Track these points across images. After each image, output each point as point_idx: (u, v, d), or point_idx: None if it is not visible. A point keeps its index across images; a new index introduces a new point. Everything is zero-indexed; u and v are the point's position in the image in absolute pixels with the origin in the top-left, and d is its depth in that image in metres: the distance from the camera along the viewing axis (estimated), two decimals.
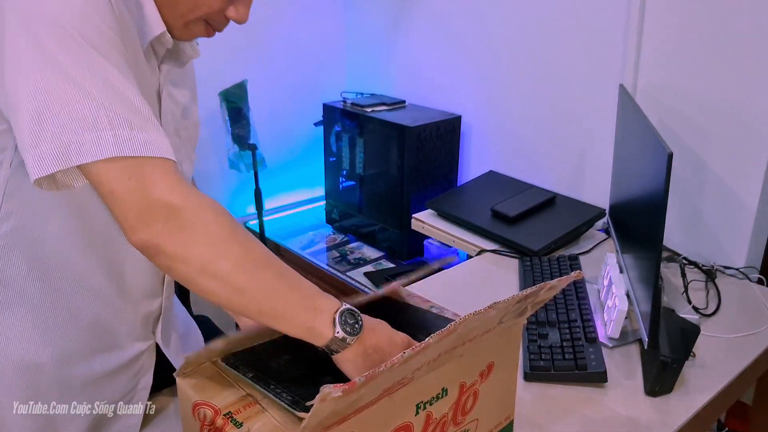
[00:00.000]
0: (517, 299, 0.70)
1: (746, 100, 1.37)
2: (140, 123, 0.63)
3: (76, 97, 0.61)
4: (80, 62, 0.62)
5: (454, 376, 0.74)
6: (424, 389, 0.70)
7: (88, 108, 0.61)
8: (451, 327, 0.62)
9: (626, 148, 1.36)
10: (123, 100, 0.63)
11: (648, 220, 1.08)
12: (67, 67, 0.61)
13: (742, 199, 1.42)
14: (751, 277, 1.42)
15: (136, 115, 0.63)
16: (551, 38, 1.74)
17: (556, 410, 0.99)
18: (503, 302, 0.67)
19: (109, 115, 0.62)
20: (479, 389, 0.78)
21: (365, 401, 0.62)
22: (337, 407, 0.57)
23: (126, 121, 0.62)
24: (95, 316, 0.82)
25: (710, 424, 1.40)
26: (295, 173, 2.42)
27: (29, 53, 0.61)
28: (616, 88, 1.46)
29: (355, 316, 0.70)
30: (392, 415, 0.67)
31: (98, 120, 0.61)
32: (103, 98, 0.62)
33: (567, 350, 1.08)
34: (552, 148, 1.83)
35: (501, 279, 1.42)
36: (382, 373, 0.56)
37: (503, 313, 0.71)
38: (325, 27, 2.34)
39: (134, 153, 0.62)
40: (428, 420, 0.72)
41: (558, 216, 1.66)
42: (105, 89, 0.62)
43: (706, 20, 1.40)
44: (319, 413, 0.55)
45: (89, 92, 0.61)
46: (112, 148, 0.61)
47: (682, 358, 1.01)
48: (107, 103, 0.62)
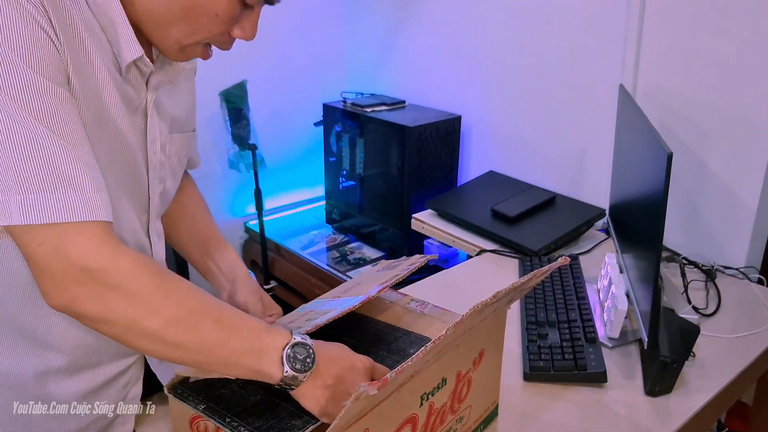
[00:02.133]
0: (515, 286, 0.71)
1: (746, 100, 1.37)
2: (61, 184, 0.60)
3: (17, 153, 0.58)
4: (3, 111, 0.59)
5: (452, 365, 0.75)
6: (427, 380, 0.71)
7: (27, 162, 0.59)
8: (461, 319, 0.63)
9: (626, 148, 1.36)
10: (46, 159, 0.60)
11: (648, 220, 1.08)
12: (12, 116, 0.59)
13: (742, 199, 1.42)
14: (751, 277, 1.42)
15: (56, 176, 0.60)
16: (551, 38, 1.74)
17: (556, 411, 0.99)
18: (504, 291, 0.68)
19: (23, 179, 0.59)
20: (472, 377, 0.79)
21: (382, 398, 0.62)
22: (365, 406, 0.57)
23: (41, 186, 0.59)
24: (80, 340, 0.78)
25: (710, 424, 1.40)
26: (295, 173, 2.42)
27: None
28: (616, 88, 1.46)
29: (306, 350, 0.67)
30: (400, 408, 0.68)
31: (7, 185, 0.58)
32: (20, 159, 0.59)
33: (567, 350, 1.08)
34: (552, 148, 1.83)
35: (501, 279, 1.42)
36: (407, 368, 0.57)
37: (499, 303, 0.72)
38: (325, 27, 2.34)
39: (47, 220, 0.59)
40: (431, 410, 0.73)
41: (558, 216, 1.65)
42: (26, 147, 0.59)
43: (706, 21, 1.40)
44: (350, 412, 0.55)
45: (7, 152, 0.58)
46: (20, 216, 0.59)
47: (682, 358, 1.01)
48: (24, 166, 0.59)
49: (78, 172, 0.62)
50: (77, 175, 0.61)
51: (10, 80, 0.59)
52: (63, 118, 0.62)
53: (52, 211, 0.60)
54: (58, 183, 0.60)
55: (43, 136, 0.60)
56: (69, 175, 0.61)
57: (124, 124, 0.74)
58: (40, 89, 0.61)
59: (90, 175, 0.63)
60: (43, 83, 0.61)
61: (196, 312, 0.65)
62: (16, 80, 0.59)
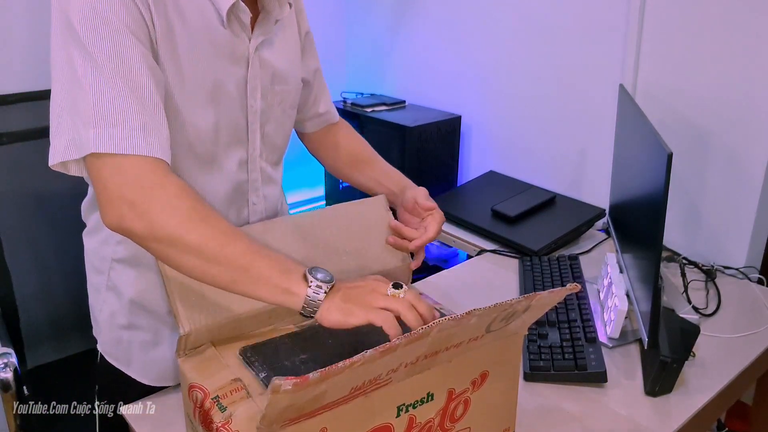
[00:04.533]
0: (499, 308, 0.67)
1: (746, 100, 1.37)
2: (132, 121, 0.70)
3: (82, 95, 0.70)
4: (104, 52, 0.70)
5: (441, 381, 0.73)
6: (406, 392, 0.70)
7: (91, 105, 0.69)
8: (423, 331, 0.61)
9: (626, 148, 1.36)
10: (130, 95, 0.71)
11: (648, 220, 1.08)
12: (85, 59, 0.69)
13: (742, 199, 1.42)
14: (751, 277, 1.42)
15: (132, 113, 0.71)
16: (551, 38, 1.74)
17: (556, 410, 0.99)
18: (483, 309, 0.65)
19: (106, 114, 0.70)
20: (471, 398, 0.77)
21: (332, 398, 0.62)
22: (295, 401, 0.57)
23: (119, 119, 0.70)
24: None
25: (710, 424, 1.40)
26: (295, 173, 2.42)
27: (58, 38, 0.72)
28: (616, 88, 1.46)
29: (322, 271, 0.72)
30: (370, 414, 0.67)
31: (96, 119, 0.69)
32: (107, 95, 0.70)
33: (567, 350, 1.08)
34: (552, 148, 1.83)
35: (501, 279, 1.42)
36: (341, 370, 0.56)
37: (489, 321, 0.69)
38: (325, 27, 2.34)
39: (117, 150, 0.70)
40: (411, 423, 0.72)
41: (558, 216, 1.65)
42: (114, 84, 0.70)
43: (706, 20, 1.40)
44: (275, 404, 0.56)
45: (97, 89, 0.69)
46: (101, 143, 0.69)
47: (682, 358, 1.01)
48: (108, 101, 0.70)
49: (151, 110, 0.72)
50: (149, 114, 0.72)
51: (98, 33, 0.70)
52: (136, 69, 0.72)
53: (114, 144, 0.70)
54: (134, 119, 0.71)
55: (116, 82, 0.71)
56: (130, 118, 0.71)
57: (223, 72, 0.84)
58: (124, 44, 0.71)
59: (150, 122, 0.72)
60: (128, 38, 0.71)
61: (229, 234, 0.72)
62: (107, 34, 0.70)
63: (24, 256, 1.48)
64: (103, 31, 0.70)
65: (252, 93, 0.89)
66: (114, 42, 0.71)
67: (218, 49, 0.82)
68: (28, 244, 1.49)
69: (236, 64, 0.86)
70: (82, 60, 0.70)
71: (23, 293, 1.48)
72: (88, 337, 0.98)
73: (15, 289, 1.47)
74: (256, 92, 0.89)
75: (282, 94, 0.95)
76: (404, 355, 0.63)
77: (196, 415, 0.74)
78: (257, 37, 0.87)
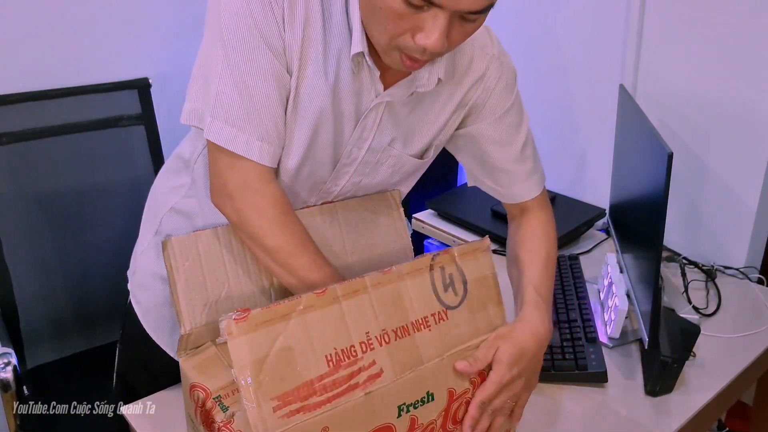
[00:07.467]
0: (419, 263, 0.74)
1: (746, 100, 1.37)
2: (251, 126, 0.75)
3: (217, 81, 0.74)
4: (239, 52, 0.73)
5: (441, 381, 0.73)
6: (405, 391, 0.70)
7: (214, 95, 0.74)
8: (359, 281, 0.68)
9: (626, 148, 1.36)
10: (251, 99, 0.74)
11: (648, 220, 1.08)
12: (227, 51, 0.73)
13: (742, 199, 1.42)
14: (751, 277, 1.42)
15: (253, 118, 0.75)
16: (551, 38, 1.74)
17: (557, 410, 0.99)
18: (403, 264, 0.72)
19: (228, 110, 0.74)
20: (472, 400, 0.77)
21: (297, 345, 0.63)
22: (258, 354, 0.60)
23: (238, 119, 0.75)
24: None
25: (710, 424, 1.40)
26: None
27: (210, 25, 0.76)
28: (616, 89, 1.46)
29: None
30: (371, 414, 0.67)
31: (215, 108, 0.75)
32: (235, 93, 0.74)
33: (567, 350, 1.08)
34: (552, 148, 1.82)
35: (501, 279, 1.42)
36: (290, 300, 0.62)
37: (425, 284, 0.74)
38: None
39: (232, 149, 0.75)
40: (413, 424, 0.71)
41: (558, 216, 1.64)
42: (242, 84, 0.74)
43: (706, 21, 1.40)
44: (237, 350, 0.59)
45: (229, 81, 0.73)
46: (218, 137, 0.75)
47: (682, 358, 1.01)
48: (235, 100, 0.74)
49: (269, 121, 0.76)
50: (267, 124, 0.76)
51: (239, 34, 0.72)
52: (263, 77, 0.75)
53: (238, 144, 0.76)
54: (252, 125, 0.75)
55: (259, 76, 0.74)
56: (264, 122, 0.76)
57: (337, 109, 0.81)
58: (258, 54, 0.73)
59: (266, 130, 0.77)
60: (260, 44, 0.73)
61: (300, 246, 0.80)
62: (244, 36, 0.73)
63: (24, 256, 1.48)
64: (245, 34, 0.72)
65: (356, 141, 0.85)
66: (251, 47, 0.73)
67: (344, 85, 0.79)
68: (28, 244, 1.49)
69: (352, 112, 0.82)
70: (222, 50, 0.73)
71: (23, 293, 1.48)
72: (88, 337, 0.98)
73: (15, 289, 1.46)
74: (364, 143, 0.85)
75: (398, 158, 0.92)
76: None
77: (197, 415, 0.74)
78: (384, 97, 0.81)
